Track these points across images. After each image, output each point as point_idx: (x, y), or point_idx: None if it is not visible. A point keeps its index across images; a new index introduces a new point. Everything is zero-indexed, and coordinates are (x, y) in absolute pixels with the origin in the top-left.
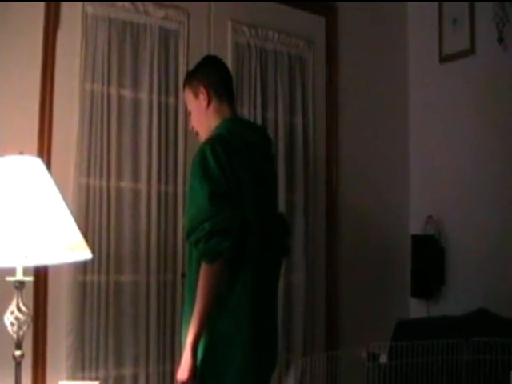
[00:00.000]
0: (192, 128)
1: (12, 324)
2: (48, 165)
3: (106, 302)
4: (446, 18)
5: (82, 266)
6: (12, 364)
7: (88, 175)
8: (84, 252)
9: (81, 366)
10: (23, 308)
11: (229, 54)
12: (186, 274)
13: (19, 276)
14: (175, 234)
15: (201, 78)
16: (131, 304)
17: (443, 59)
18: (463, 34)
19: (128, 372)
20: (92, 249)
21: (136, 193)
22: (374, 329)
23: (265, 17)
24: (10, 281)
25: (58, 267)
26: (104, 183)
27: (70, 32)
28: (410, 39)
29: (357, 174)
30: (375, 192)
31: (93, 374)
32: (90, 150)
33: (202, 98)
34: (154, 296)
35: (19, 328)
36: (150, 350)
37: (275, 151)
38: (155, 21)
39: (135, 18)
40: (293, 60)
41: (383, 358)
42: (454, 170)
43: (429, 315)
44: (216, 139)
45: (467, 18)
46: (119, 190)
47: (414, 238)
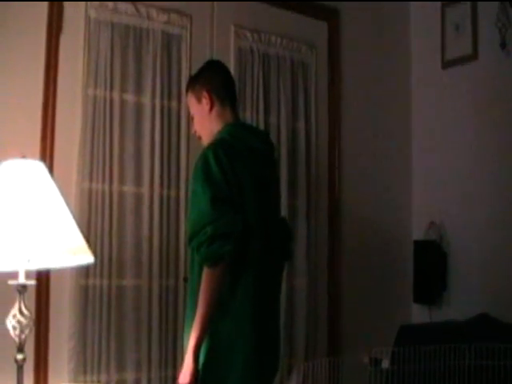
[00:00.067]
0: (195, 132)
1: (14, 327)
2: (50, 169)
3: (108, 306)
4: (448, 23)
5: (85, 270)
6: (14, 367)
7: (90, 179)
8: (86, 256)
9: (83, 370)
10: (25, 312)
11: (231, 58)
12: (188, 279)
13: (21, 280)
14: (177, 238)
15: (203, 83)
16: (133, 308)
17: (446, 64)
18: (466, 40)
19: (130, 376)
20: (94, 253)
21: (138, 197)
22: (377, 334)
23: (267, 22)
24: (12, 284)
25: (61, 271)
26: (106, 187)
27: (73, 37)
28: (412, 44)
29: (359, 179)
30: (377, 197)
31: (94, 378)
32: (92, 154)
33: (205, 103)
34: (156, 300)
35: (21, 331)
36: (152, 354)
37: (277, 156)
38: (158, 25)
39: (138, 22)
40: (295, 65)
41: (385, 363)
42: (456, 176)
43: (431, 320)
44: (218, 144)
45: (470, 24)
46: (121, 195)
47: (416, 243)
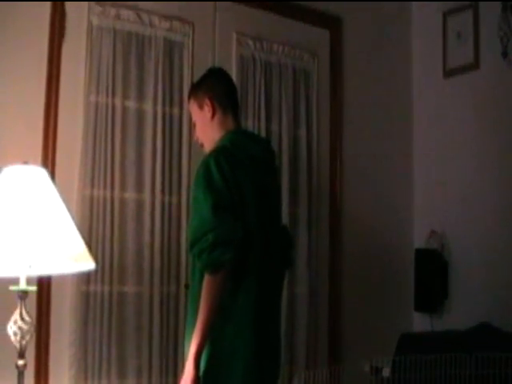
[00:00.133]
0: (197, 139)
1: (15, 333)
2: (52, 175)
3: (109, 313)
4: (450, 32)
5: (86, 277)
6: (15, 373)
7: (92, 186)
8: (87, 262)
9: (83, 377)
10: (26, 317)
11: (233, 66)
12: (189, 285)
13: (23, 285)
14: (179, 245)
15: (206, 90)
16: (134, 315)
17: (447, 73)
18: (467, 49)
19: (131, 383)
20: (95, 259)
21: (140, 204)
22: (378, 342)
23: (269, 29)
24: (13, 290)
25: (62, 277)
26: (108, 194)
27: (75, 43)
28: (414, 53)
29: (360, 188)
30: (379, 205)
31: None
32: (94, 160)
33: (207, 110)
34: (157, 307)
35: (22, 337)
36: (153, 361)
37: (279, 164)
38: (160, 32)
39: (140, 29)
40: (297, 73)
41: (386, 372)
42: (458, 185)
43: (432, 329)
44: (220, 151)
45: (471, 33)
46: (123, 201)
47: (418, 251)
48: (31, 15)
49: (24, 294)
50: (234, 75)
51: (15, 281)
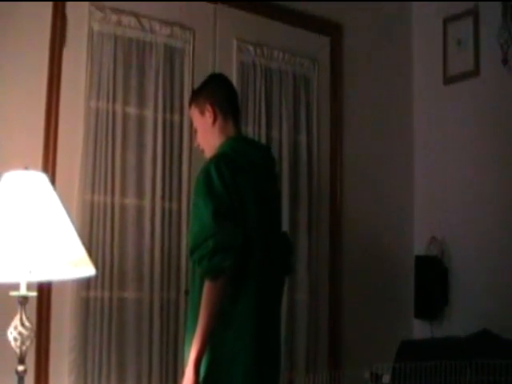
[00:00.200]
0: (198, 145)
1: (15, 339)
2: (53, 180)
3: (109, 319)
4: (450, 39)
5: (86, 282)
6: (15, 379)
7: (92, 191)
8: (88, 268)
9: (83, 382)
10: (26, 323)
11: (234, 72)
12: (189, 291)
13: (23, 291)
14: (179, 251)
15: (207, 96)
16: (134, 321)
17: (447, 80)
18: (468, 56)
19: None
20: (96, 265)
21: (140, 210)
22: (378, 349)
23: (270, 36)
24: (13, 296)
25: (62, 283)
26: (108, 200)
27: (76, 49)
28: (414, 60)
29: (361, 194)
30: (379, 212)
31: None
32: (94, 166)
33: (208, 116)
34: (157, 313)
35: (22, 343)
36: (153, 367)
37: (279, 169)
38: (161, 39)
39: (141, 35)
40: (297, 79)
41: (386, 379)
42: (458, 191)
43: (432, 336)
44: (220, 157)
45: (472, 39)
46: (123, 207)
47: (418, 258)
48: (32, 21)
49: (24, 300)
50: (234, 81)
51: (15, 286)
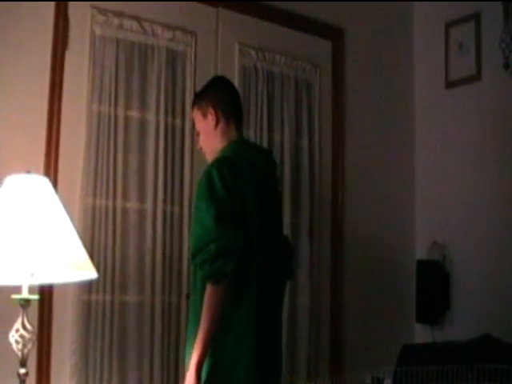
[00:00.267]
0: (200, 148)
1: (17, 342)
2: (54, 184)
3: (110, 322)
4: (452, 43)
5: (87, 286)
6: (16, 382)
7: (94, 195)
8: (89, 271)
9: None
10: (28, 326)
11: (236, 76)
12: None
13: (25, 294)
14: (180, 255)
15: (209, 99)
16: (136, 325)
17: (449, 84)
18: (469, 60)
19: None
20: (97, 268)
21: (142, 213)
22: (379, 353)
23: (272, 40)
24: (15, 299)
25: (64, 286)
26: (110, 203)
27: (78, 53)
28: (416, 64)
29: (362, 198)
30: (381, 217)
31: None
32: (96, 170)
33: (211, 119)
34: (158, 317)
35: (24, 346)
36: (154, 371)
37: (281, 174)
38: (163, 42)
39: (143, 39)
40: (299, 83)
41: (388, 383)
42: (460, 196)
43: (434, 340)
44: (222, 161)
45: (474, 44)
46: (125, 211)
47: (419, 263)
48: (34, 24)
49: (26, 303)
50: (236, 85)
51: (17, 289)
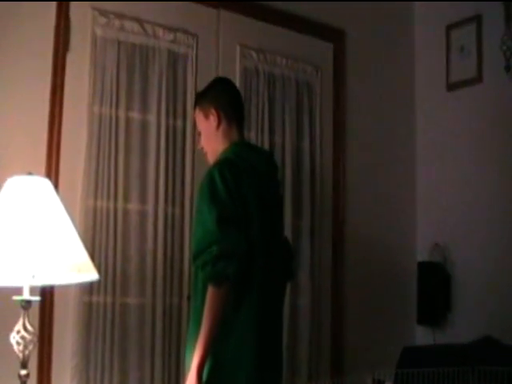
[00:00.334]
0: (201, 148)
1: (18, 343)
2: (56, 186)
3: (111, 324)
4: (453, 46)
5: (89, 287)
6: (17, 383)
7: (95, 197)
8: (90, 273)
9: None
10: (29, 327)
11: (237, 78)
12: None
13: (26, 295)
14: (182, 256)
15: (212, 100)
16: (137, 326)
17: (450, 87)
18: (471, 62)
19: None
20: (98, 270)
21: (143, 215)
22: (380, 355)
23: (273, 42)
24: (16, 300)
25: (65, 287)
26: (111, 205)
27: (80, 54)
28: (417, 66)
29: (363, 200)
30: (382, 219)
31: None
32: (97, 171)
33: (212, 120)
34: (159, 318)
35: (25, 347)
36: (155, 372)
37: (282, 176)
38: (164, 44)
39: (144, 41)
40: (300, 85)
41: None
42: (461, 198)
43: (435, 342)
44: (224, 162)
45: (475, 46)
46: (126, 212)
47: (421, 264)
48: (36, 26)
49: (27, 304)
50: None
51: (18, 291)
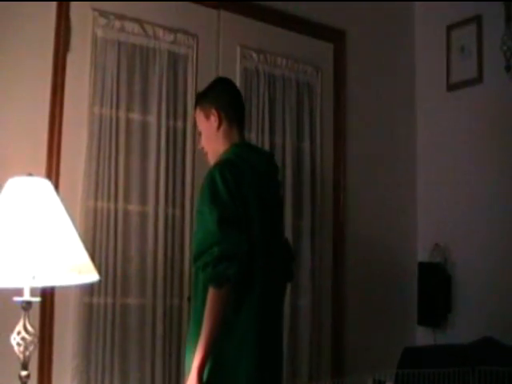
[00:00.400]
0: (202, 148)
1: (19, 344)
2: (56, 187)
3: (112, 325)
4: (453, 46)
5: (89, 288)
6: None
7: (96, 197)
8: (91, 274)
9: None
10: (30, 328)
11: (237, 78)
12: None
13: (26, 296)
14: (182, 257)
15: (213, 100)
16: (137, 327)
17: (451, 87)
18: (471, 62)
19: None
20: (99, 271)
21: (143, 216)
22: (380, 356)
23: (273, 43)
24: (17, 301)
25: (65, 288)
26: (112, 206)
27: (80, 55)
28: (417, 66)
29: (364, 201)
30: (382, 219)
31: None
32: (97, 172)
33: (213, 120)
34: (160, 319)
35: (26, 348)
36: (156, 373)
37: (282, 176)
38: (164, 45)
39: (144, 41)
40: (301, 86)
41: None
42: (461, 198)
43: (435, 343)
44: (224, 164)
45: (475, 46)
46: (127, 213)
47: (421, 265)
48: (36, 26)
49: (27, 305)
50: None
51: (19, 292)
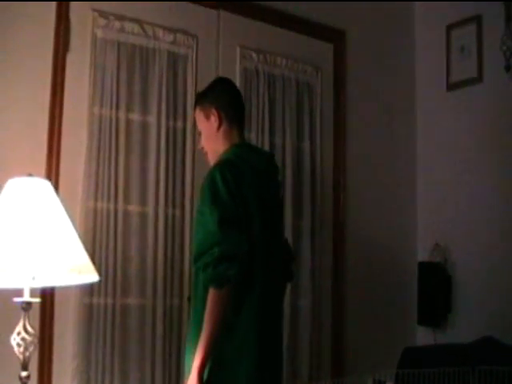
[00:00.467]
0: (202, 148)
1: (19, 345)
2: (56, 187)
3: (112, 325)
4: (453, 46)
5: (89, 289)
6: None
7: (96, 198)
8: (91, 275)
9: None
10: (30, 329)
11: (237, 79)
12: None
13: (26, 297)
14: (182, 257)
15: (213, 100)
16: (137, 327)
17: (451, 87)
18: (471, 62)
19: None
20: (99, 271)
21: (143, 216)
22: (381, 356)
23: (273, 43)
24: (17, 302)
25: (65, 289)
26: (111, 206)
27: (80, 56)
28: (417, 66)
29: (364, 201)
30: (382, 219)
31: None
32: (97, 173)
33: (213, 120)
34: (160, 320)
35: (25, 349)
36: (156, 374)
37: (282, 177)
38: (164, 45)
39: (144, 42)
40: (300, 86)
41: None
42: (461, 198)
43: (435, 343)
44: (224, 164)
45: (475, 46)
46: (126, 214)
47: (421, 265)
48: (36, 27)
49: (27, 306)
50: None
51: (19, 292)
